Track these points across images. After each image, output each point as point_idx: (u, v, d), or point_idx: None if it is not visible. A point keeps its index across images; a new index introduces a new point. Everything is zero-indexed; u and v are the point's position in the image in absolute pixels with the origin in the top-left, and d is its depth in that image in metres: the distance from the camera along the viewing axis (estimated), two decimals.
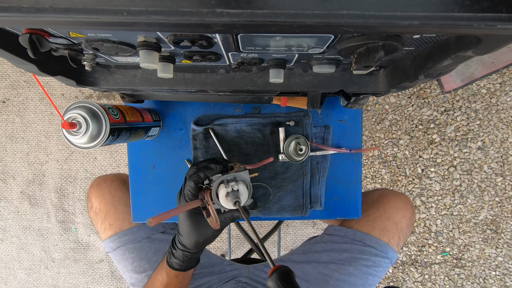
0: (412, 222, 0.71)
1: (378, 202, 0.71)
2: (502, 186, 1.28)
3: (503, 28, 0.19)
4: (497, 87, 1.25)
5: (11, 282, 1.42)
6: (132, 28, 0.21)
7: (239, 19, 0.19)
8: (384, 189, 0.91)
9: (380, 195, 0.73)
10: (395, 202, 0.70)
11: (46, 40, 0.28)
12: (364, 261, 0.64)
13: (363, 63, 0.28)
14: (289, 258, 0.70)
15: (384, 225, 0.67)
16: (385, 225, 0.67)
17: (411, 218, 0.70)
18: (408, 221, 0.69)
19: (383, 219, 0.68)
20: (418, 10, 0.19)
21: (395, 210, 0.68)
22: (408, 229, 0.69)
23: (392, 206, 0.69)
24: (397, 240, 0.67)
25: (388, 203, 0.70)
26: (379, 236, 0.66)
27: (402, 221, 0.68)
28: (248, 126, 0.64)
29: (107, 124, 0.44)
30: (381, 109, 1.31)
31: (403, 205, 0.69)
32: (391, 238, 0.66)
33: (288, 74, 0.46)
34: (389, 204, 0.70)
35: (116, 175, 0.72)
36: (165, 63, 0.36)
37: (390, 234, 0.66)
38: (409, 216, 0.69)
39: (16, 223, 1.38)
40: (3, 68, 1.34)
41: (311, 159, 0.65)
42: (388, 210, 0.69)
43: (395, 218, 0.67)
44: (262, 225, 1.36)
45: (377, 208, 0.69)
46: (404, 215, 0.68)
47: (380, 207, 0.69)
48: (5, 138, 1.36)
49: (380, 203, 0.70)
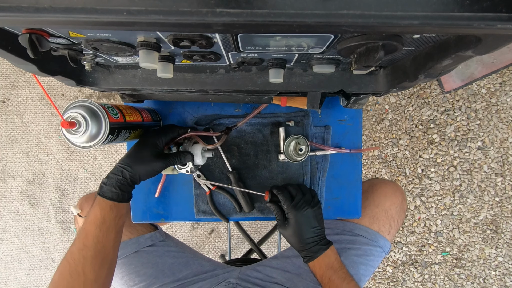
0: (404, 209, 0.70)
1: (367, 191, 0.70)
2: (502, 186, 1.28)
3: (503, 28, 0.19)
4: (497, 87, 1.25)
5: (11, 282, 1.42)
6: (132, 28, 0.21)
7: (239, 19, 0.19)
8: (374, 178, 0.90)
9: (370, 184, 0.72)
10: (384, 189, 0.69)
11: (46, 40, 0.28)
12: (354, 250, 0.63)
13: (363, 63, 0.28)
14: (281, 254, 0.70)
15: (373, 213, 0.66)
16: (374, 213, 0.66)
17: (401, 205, 0.69)
18: (399, 208, 0.68)
19: (372, 207, 0.67)
20: (418, 10, 0.19)
21: (384, 198, 0.68)
22: (399, 216, 0.68)
23: (381, 194, 0.68)
24: (388, 228, 0.66)
25: (377, 191, 0.69)
26: (368, 225, 0.66)
27: (392, 208, 0.67)
28: (248, 126, 0.64)
29: (107, 124, 0.44)
30: (381, 109, 1.31)
31: (392, 192, 0.69)
32: (381, 226, 0.66)
33: (288, 74, 0.46)
34: (377, 192, 0.69)
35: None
36: (165, 63, 0.36)
37: (380, 222, 0.66)
38: (399, 203, 0.68)
39: (16, 223, 1.38)
40: (3, 68, 1.34)
41: (311, 159, 0.65)
42: (377, 198, 0.68)
43: (384, 205, 0.67)
44: (262, 225, 1.36)
45: (366, 197, 0.69)
46: (394, 202, 0.67)
47: (369, 196, 0.69)
48: (5, 138, 1.36)
49: (369, 192, 0.70)
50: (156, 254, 0.67)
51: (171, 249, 0.70)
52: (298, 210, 0.54)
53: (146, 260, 0.66)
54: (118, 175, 0.48)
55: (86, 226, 0.47)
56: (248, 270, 0.68)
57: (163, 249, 0.69)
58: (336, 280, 0.53)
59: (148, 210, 0.67)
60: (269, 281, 0.64)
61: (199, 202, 0.66)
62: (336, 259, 0.55)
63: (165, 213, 0.67)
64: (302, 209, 0.54)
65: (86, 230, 0.47)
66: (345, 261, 0.61)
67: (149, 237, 0.69)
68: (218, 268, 0.70)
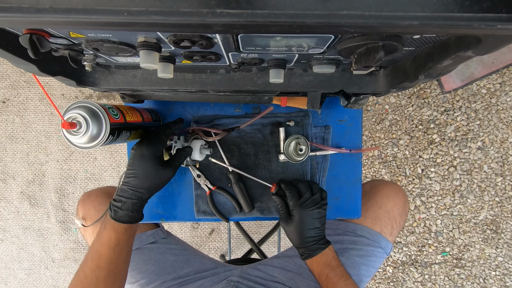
0: (406, 211, 0.70)
1: (370, 192, 0.70)
2: (502, 186, 1.28)
3: (503, 28, 0.19)
4: (497, 87, 1.25)
5: (11, 282, 1.42)
6: (132, 29, 0.21)
7: (239, 19, 0.19)
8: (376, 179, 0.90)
9: (372, 185, 0.72)
10: (386, 190, 0.69)
11: (46, 40, 0.28)
12: (356, 251, 0.63)
13: (363, 63, 0.28)
14: (283, 254, 0.70)
15: (375, 214, 0.66)
16: (376, 214, 0.66)
17: (403, 206, 0.69)
18: (401, 209, 0.68)
19: (375, 208, 0.67)
20: (418, 10, 0.19)
21: (387, 199, 0.68)
22: (401, 217, 0.68)
23: (384, 195, 0.68)
24: (390, 229, 0.66)
25: (379, 192, 0.69)
26: (371, 226, 0.66)
27: (394, 210, 0.67)
28: (248, 126, 0.64)
29: (107, 124, 0.44)
30: (381, 109, 1.31)
31: (394, 193, 0.69)
32: (384, 227, 0.66)
33: (288, 74, 0.46)
34: (380, 193, 0.69)
35: (101, 190, 0.72)
36: (165, 63, 0.36)
37: (382, 223, 0.66)
38: (401, 204, 0.68)
39: (16, 223, 1.38)
40: (3, 68, 1.34)
41: (311, 159, 0.65)
42: (380, 199, 0.68)
43: (387, 206, 0.67)
44: (262, 225, 1.36)
45: (368, 198, 0.69)
46: (396, 203, 0.67)
47: (372, 197, 0.69)
48: (5, 138, 1.36)
49: (371, 193, 0.70)
50: (157, 251, 0.67)
51: (172, 246, 0.70)
52: (304, 209, 0.54)
53: (147, 257, 0.66)
54: (134, 199, 0.48)
55: (100, 248, 0.48)
56: (249, 269, 0.68)
57: (164, 246, 0.69)
58: (333, 277, 0.53)
59: (148, 210, 0.67)
60: (271, 280, 0.64)
61: (199, 202, 0.66)
62: (333, 257, 0.55)
63: (165, 213, 0.67)
64: (308, 209, 0.54)
65: (99, 252, 0.48)
66: (347, 262, 0.61)
67: (151, 234, 0.69)
68: (219, 266, 0.70)
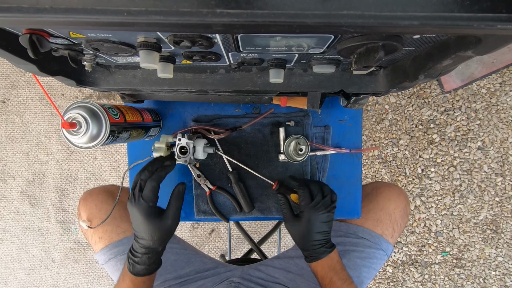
0: (407, 213, 0.70)
1: (371, 194, 0.70)
2: (502, 186, 1.28)
3: (503, 28, 0.19)
4: (497, 87, 1.25)
5: (11, 282, 1.42)
6: (132, 28, 0.21)
7: (239, 19, 0.19)
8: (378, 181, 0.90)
9: (373, 187, 0.72)
10: (388, 193, 0.69)
11: (46, 40, 0.28)
12: (357, 253, 0.63)
13: (363, 63, 0.28)
14: (284, 255, 0.70)
15: (377, 216, 0.66)
16: (378, 216, 0.66)
17: (405, 209, 0.69)
18: (402, 212, 0.68)
19: (376, 210, 0.67)
20: (418, 10, 0.19)
21: (388, 201, 0.68)
22: (403, 220, 0.68)
23: (385, 197, 0.68)
24: (391, 231, 0.66)
25: (380, 194, 0.69)
26: (372, 228, 0.66)
27: (396, 212, 0.67)
28: (248, 126, 0.64)
29: (107, 124, 0.44)
30: (381, 109, 1.31)
31: (396, 196, 0.69)
32: (385, 229, 0.66)
33: (288, 74, 0.46)
34: (381, 195, 0.69)
35: (102, 188, 0.72)
36: (165, 63, 0.36)
37: (383, 225, 0.66)
38: (403, 206, 0.68)
39: (16, 223, 1.38)
40: (3, 68, 1.34)
41: (311, 159, 0.65)
42: (381, 201, 0.68)
43: (388, 209, 0.67)
44: (262, 225, 1.36)
45: (370, 200, 0.69)
46: (398, 206, 0.67)
47: (373, 199, 0.69)
48: (5, 138, 1.36)
49: (373, 195, 0.70)
50: None
51: (173, 246, 0.70)
52: (314, 212, 0.52)
53: None
54: (148, 254, 0.49)
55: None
56: (250, 270, 0.68)
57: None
58: (337, 281, 0.53)
59: None
60: (272, 281, 0.64)
61: (199, 202, 0.66)
62: (338, 261, 0.55)
63: None
64: (319, 212, 0.52)
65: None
66: (348, 263, 0.61)
67: None
68: (220, 266, 0.70)
